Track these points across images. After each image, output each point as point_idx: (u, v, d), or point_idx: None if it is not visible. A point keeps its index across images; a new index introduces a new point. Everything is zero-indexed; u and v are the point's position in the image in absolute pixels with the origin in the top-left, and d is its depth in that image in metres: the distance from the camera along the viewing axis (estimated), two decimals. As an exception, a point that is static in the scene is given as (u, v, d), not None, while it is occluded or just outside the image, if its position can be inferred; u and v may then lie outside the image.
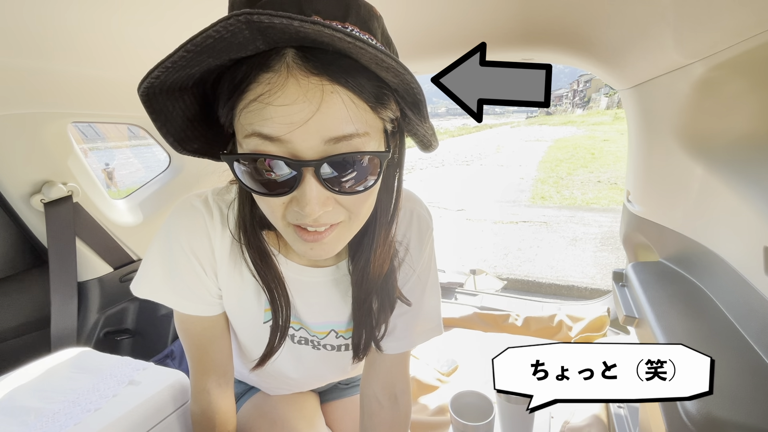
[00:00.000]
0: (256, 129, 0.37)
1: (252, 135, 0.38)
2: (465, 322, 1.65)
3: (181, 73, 0.36)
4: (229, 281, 0.59)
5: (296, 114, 0.36)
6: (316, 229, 0.43)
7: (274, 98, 0.36)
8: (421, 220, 0.65)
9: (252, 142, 0.38)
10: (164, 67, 0.34)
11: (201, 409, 0.64)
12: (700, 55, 0.70)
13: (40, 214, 1.07)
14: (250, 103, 0.37)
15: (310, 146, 0.37)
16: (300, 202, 0.39)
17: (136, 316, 1.36)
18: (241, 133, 0.39)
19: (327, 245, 0.45)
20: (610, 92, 41.48)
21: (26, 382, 0.72)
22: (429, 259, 0.67)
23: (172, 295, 0.58)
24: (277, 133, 0.36)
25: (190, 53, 0.34)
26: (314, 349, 0.68)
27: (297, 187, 0.39)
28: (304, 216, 0.40)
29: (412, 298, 0.65)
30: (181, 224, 0.56)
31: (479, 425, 0.85)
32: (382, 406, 0.70)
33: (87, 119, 1.19)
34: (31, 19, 0.62)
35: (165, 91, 0.38)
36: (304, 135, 0.37)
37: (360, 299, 0.60)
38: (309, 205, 0.39)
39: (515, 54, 1.10)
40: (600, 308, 1.60)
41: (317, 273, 0.61)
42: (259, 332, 0.63)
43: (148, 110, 0.39)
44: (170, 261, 0.56)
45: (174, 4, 0.66)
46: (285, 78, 0.36)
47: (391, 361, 0.68)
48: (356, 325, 0.62)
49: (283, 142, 0.37)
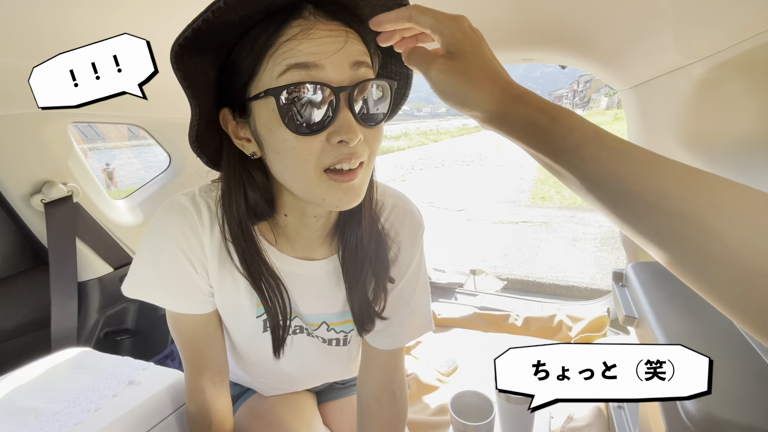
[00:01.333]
0: (292, 62, 0.42)
1: (288, 69, 0.42)
2: (465, 322, 1.66)
3: (227, 16, 0.40)
4: (221, 277, 0.59)
5: (329, 45, 0.42)
6: (350, 166, 0.46)
7: (309, 34, 0.42)
8: (414, 217, 0.66)
9: (288, 76, 0.42)
10: (218, 7, 0.38)
11: (197, 408, 0.64)
12: (700, 55, 0.70)
13: (41, 214, 1.07)
14: (283, 44, 0.42)
15: (341, 72, 0.43)
16: (341, 130, 0.43)
17: (136, 316, 1.36)
18: (270, 77, 0.43)
19: (358, 189, 0.48)
20: (610, 92, 41.49)
21: (26, 382, 0.72)
22: (420, 256, 0.69)
23: (163, 295, 0.58)
24: (315, 59, 0.42)
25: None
26: (309, 336, 0.68)
27: (336, 117, 0.43)
28: (348, 141, 0.43)
29: (406, 295, 0.67)
30: (169, 223, 0.56)
31: (479, 425, 0.85)
32: (381, 404, 0.70)
33: (87, 119, 1.19)
34: (31, 19, 0.62)
35: (190, 50, 0.41)
36: (336, 60, 0.43)
37: (355, 277, 0.61)
38: (351, 130, 0.43)
39: (515, 54, 1.11)
40: (600, 308, 1.60)
41: (310, 265, 0.62)
42: (253, 326, 0.63)
43: (177, 66, 0.41)
44: (159, 260, 0.57)
45: (174, 3, 0.66)
46: (313, 22, 0.43)
47: (387, 357, 0.69)
48: (353, 300, 0.63)
49: (319, 68, 0.42)
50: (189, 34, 0.39)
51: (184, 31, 0.39)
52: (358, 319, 0.65)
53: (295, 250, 0.61)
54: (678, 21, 0.67)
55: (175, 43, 0.40)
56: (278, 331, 0.61)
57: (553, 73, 44.82)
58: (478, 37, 0.39)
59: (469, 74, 0.37)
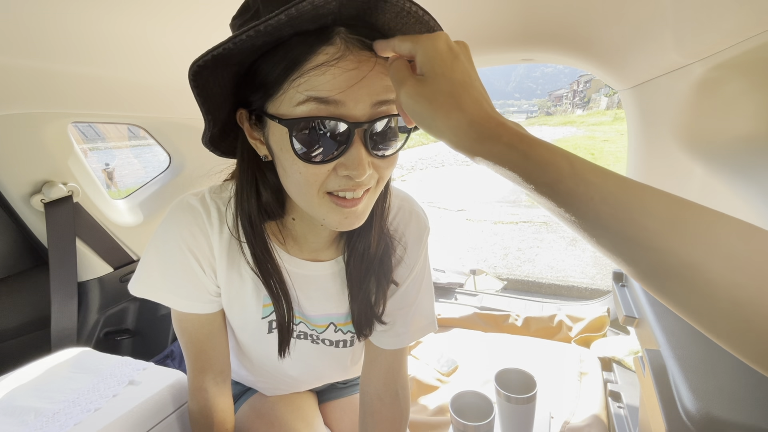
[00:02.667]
0: (312, 94, 0.40)
1: (307, 101, 0.40)
2: (465, 323, 1.65)
3: (251, 42, 0.38)
4: (228, 278, 0.59)
5: (352, 79, 0.40)
6: (354, 195, 0.45)
7: (335, 65, 0.40)
8: (420, 219, 0.67)
9: (306, 107, 0.41)
10: (255, 30, 0.36)
11: (199, 407, 0.64)
12: (700, 55, 0.70)
13: (40, 214, 1.07)
14: (308, 72, 0.40)
15: (361, 108, 0.41)
16: (350, 165, 0.42)
17: (136, 316, 1.36)
18: (289, 103, 0.42)
19: (360, 213, 0.47)
20: (610, 92, 41.51)
21: (26, 382, 0.72)
22: (425, 257, 0.69)
23: (170, 294, 0.58)
24: (334, 95, 0.40)
25: (289, 18, 0.36)
26: (313, 343, 0.68)
27: (347, 151, 0.42)
28: (355, 177, 0.43)
29: (410, 296, 0.67)
30: (178, 223, 0.56)
31: (479, 425, 0.85)
32: (384, 404, 0.71)
33: (87, 119, 1.19)
34: (31, 19, 0.62)
35: (210, 67, 0.40)
36: (357, 97, 0.41)
37: (358, 281, 0.61)
38: (360, 166, 0.42)
39: (515, 54, 1.11)
40: (600, 308, 1.60)
41: (317, 267, 0.62)
42: (258, 327, 0.64)
43: (194, 83, 0.40)
44: (167, 260, 0.57)
45: (173, 3, 0.66)
46: (343, 51, 0.40)
47: (390, 357, 0.70)
48: (354, 304, 0.63)
49: (338, 104, 0.40)
50: (209, 59, 0.38)
51: (204, 55, 0.38)
52: (357, 323, 0.65)
53: (303, 252, 0.61)
54: (678, 21, 0.67)
55: (193, 64, 0.39)
56: (284, 332, 0.61)
57: (553, 73, 45.05)
58: (453, 55, 0.36)
59: (436, 101, 0.34)
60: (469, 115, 0.33)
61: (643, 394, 0.74)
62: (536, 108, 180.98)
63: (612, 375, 1.26)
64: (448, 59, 0.35)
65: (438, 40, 0.36)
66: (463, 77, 0.35)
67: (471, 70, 0.36)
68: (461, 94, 0.34)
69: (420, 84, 0.35)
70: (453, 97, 0.34)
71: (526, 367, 0.99)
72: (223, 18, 0.68)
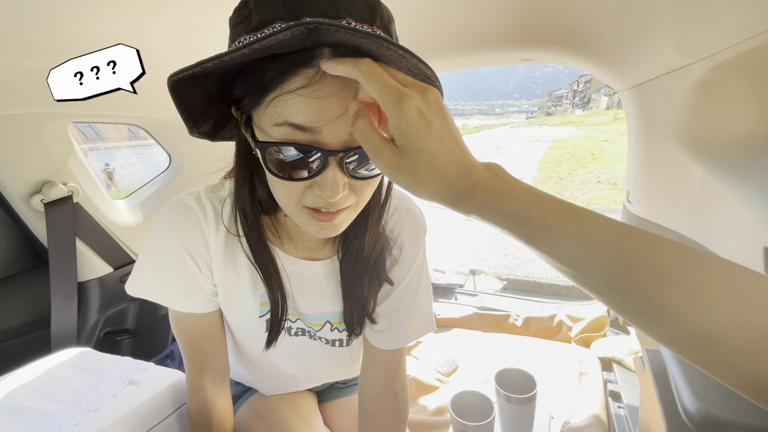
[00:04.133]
0: (288, 119, 0.39)
1: (284, 124, 0.40)
2: (465, 323, 1.66)
3: (226, 64, 0.38)
4: (225, 277, 0.59)
5: (330, 108, 0.39)
6: (329, 210, 0.45)
7: (312, 92, 0.38)
8: (416, 219, 0.67)
9: (282, 131, 0.40)
10: (221, 60, 0.36)
11: (197, 407, 0.64)
12: (700, 55, 0.70)
13: (41, 214, 1.07)
14: (285, 94, 0.39)
15: (338, 136, 0.40)
16: (323, 187, 0.42)
17: (136, 316, 1.36)
18: (268, 120, 0.41)
19: (337, 225, 0.48)
20: (610, 92, 41.51)
21: (26, 382, 0.72)
22: (423, 257, 0.69)
23: (167, 294, 0.58)
24: (311, 125, 0.39)
25: (253, 52, 0.36)
26: (311, 339, 0.69)
27: (321, 173, 0.42)
28: (326, 198, 0.43)
29: (408, 296, 0.67)
30: (174, 223, 0.56)
31: (479, 425, 0.85)
32: (383, 404, 0.71)
33: (87, 119, 1.19)
34: (31, 19, 0.62)
35: (188, 78, 0.39)
36: (334, 127, 0.40)
37: (351, 281, 0.62)
38: (333, 189, 0.42)
39: (515, 54, 1.11)
40: (600, 308, 1.60)
41: (312, 265, 0.62)
42: (256, 327, 0.64)
43: (174, 94, 0.40)
44: (164, 259, 0.57)
45: (173, 3, 0.66)
46: (322, 74, 0.38)
47: (388, 357, 0.70)
48: (347, 302, 0.64)
49: (314, 133, 0.40)
50: (188, 73, 0.38)
51: (183, 70, 0.37)
52: (348, 321, 0.65)
53: (298, 250, 0.62)
54: (678, 21, 0.67)
55: (171, 77, 0.38)
56: (276, 323, 0.62)
57: (553, 73, 44.96)
58: (427, 124, 0.34)
59: (416, 173, 0.35)
60: (446, 180, 0.35)
61: (643, 394, 0.74)
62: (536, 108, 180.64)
63: (612, 375, 1.26)
64: (422, 131, 0.34)
65: (410, 107, 0.33)
66: (439, 145, 0.34)
67: (443, 131, 0.35)
68: (439, 164, 0.34)
69: (398, 157, 0.35)
70: (431, 168, 0.34)
71: (526, 367, 0.99)
72: (222, 17, 0.68)
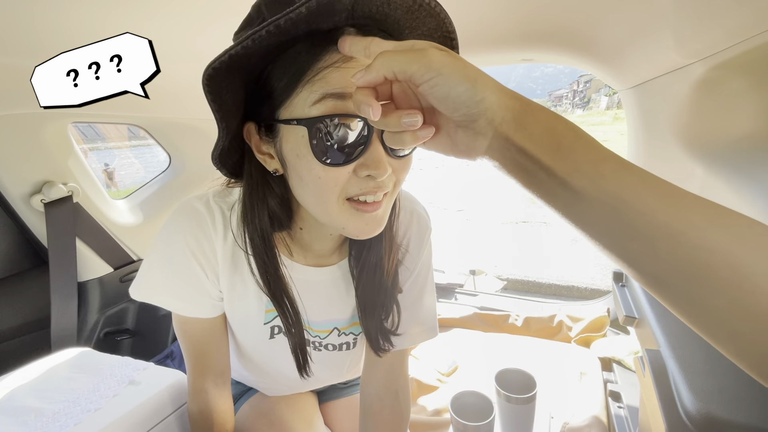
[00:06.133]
0: (327, 90, 0.40)
1: (323, 98, 0.40)
2: (465, 323, 1.65)
3: (266, 42, 0.38)
4: (231, 283, 0.59)
5: None
6: (374, 198, 0.45)
7: (344, 62, 0.40)
8: (421, 219, 0.66)
9: (323, 105, 0.40)
10: (275, 25, 0.35)
11: (198, 408, 0.64)
12: (700, 55, 0.70)
13: (41, 215, 1.07)
14: (320, 71, 0.40)
15: None
16: (371, 164, 0.42)
17: (136, 316, 1.36)
18: (306, 103, 0.41)
19: (381, 218, 0.47)
20: (610, 92, 41.50)
21: (26, 382, 0.72)
22: (427, 258, 0.68)
23: (172, 298, 0.58)
24: (351, 89, 0.39)
25: (287, 21, 0.35)
26: (315, 350, 0.68)
27: (366, 150, 0.42)
28: (375, 177, 0.42)
29: (411, 297, 0.66)
30: (182, 226, 0.56)
31: (479, 425, 0.85)
32: (384, 405, 0.70)
33: (87, 119, 1.19)
34: (31, 19, 0.62)
35: (223, 72, 0.39)
36: None
37: (368, 297, 0.60)
38: (381, 165, 0.42)
39: (515, 54, 1.11)
40: (600, 308, 1.60)
41: (321, 272, 0.62)
42: (260, 333, 0.63)
43: (208, 89, 0.39)
44: (170, 264, 0.56)
45: (173, 4, 0.66)
46: None
47: (391, 358, 0.69)
48: (366, 321, 0.62)
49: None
50: (225, 59, 0.37)
51: (221, 56, 0.37)
52: (374, 342, 0.64)
53: (307, 259, 0.61)
54: (678, 21, 0.67)
55: (209, 66, 0.38)
56: (298, 350, 0.61)
57: (553, 73, 44.90)
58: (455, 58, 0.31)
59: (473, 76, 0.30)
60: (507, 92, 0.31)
61: (643, 394, 0.74)
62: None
63: (612, 375, 1.26)
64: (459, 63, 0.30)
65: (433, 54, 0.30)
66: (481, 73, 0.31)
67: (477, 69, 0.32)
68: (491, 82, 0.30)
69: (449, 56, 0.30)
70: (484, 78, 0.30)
71: (526, 367, 0.99)
72: (223, 19, 0.68)
